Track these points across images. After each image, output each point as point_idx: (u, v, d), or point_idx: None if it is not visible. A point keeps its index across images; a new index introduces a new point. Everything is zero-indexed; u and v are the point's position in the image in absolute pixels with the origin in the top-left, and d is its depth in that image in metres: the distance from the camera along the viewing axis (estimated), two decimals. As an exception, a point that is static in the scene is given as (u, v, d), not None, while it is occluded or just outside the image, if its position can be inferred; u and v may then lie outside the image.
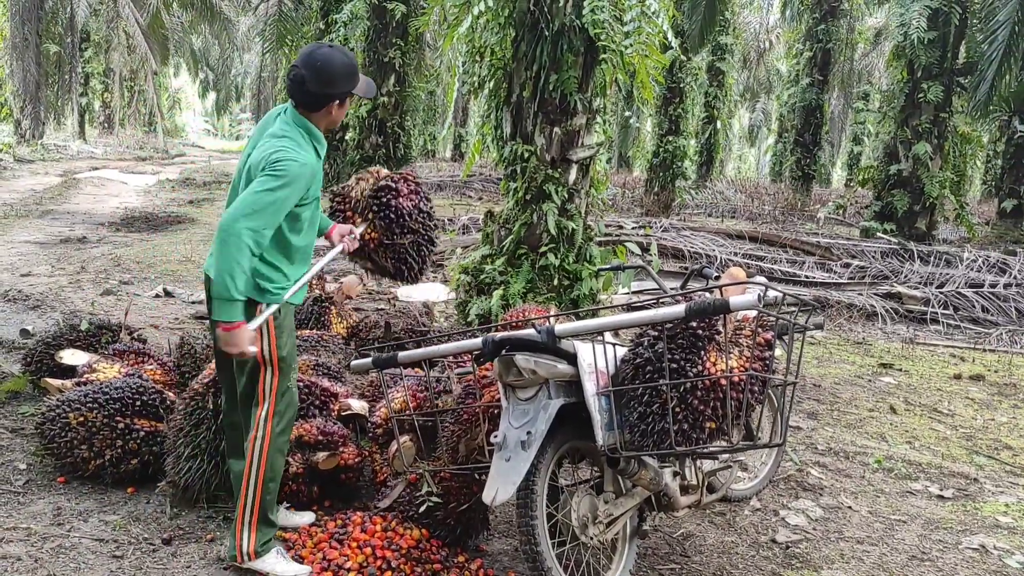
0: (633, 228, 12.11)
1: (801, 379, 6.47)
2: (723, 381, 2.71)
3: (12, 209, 12.74)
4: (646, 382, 2.76)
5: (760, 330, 2.84)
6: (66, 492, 3.64)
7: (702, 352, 2.74)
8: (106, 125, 34.59)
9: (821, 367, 7.07)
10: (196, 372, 4.32)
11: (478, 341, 3.00)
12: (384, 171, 3.69)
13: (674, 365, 2.73)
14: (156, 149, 29.75)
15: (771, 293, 2.91)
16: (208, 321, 3.41)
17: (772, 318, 2.93)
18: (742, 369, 2.77)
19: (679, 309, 2.70)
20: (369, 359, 3.30)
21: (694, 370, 2.72)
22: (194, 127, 57.22)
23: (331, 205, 3.67)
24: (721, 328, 2.77)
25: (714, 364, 2.73)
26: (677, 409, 2.75)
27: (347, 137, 15.00)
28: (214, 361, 3.43)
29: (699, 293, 2.97)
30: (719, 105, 22.64)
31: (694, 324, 2.75)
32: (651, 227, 12.48)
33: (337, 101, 3.07)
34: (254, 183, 2.89)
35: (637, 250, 6.51)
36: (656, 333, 2.79)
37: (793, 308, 3.08)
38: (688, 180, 19.65)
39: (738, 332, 2.87)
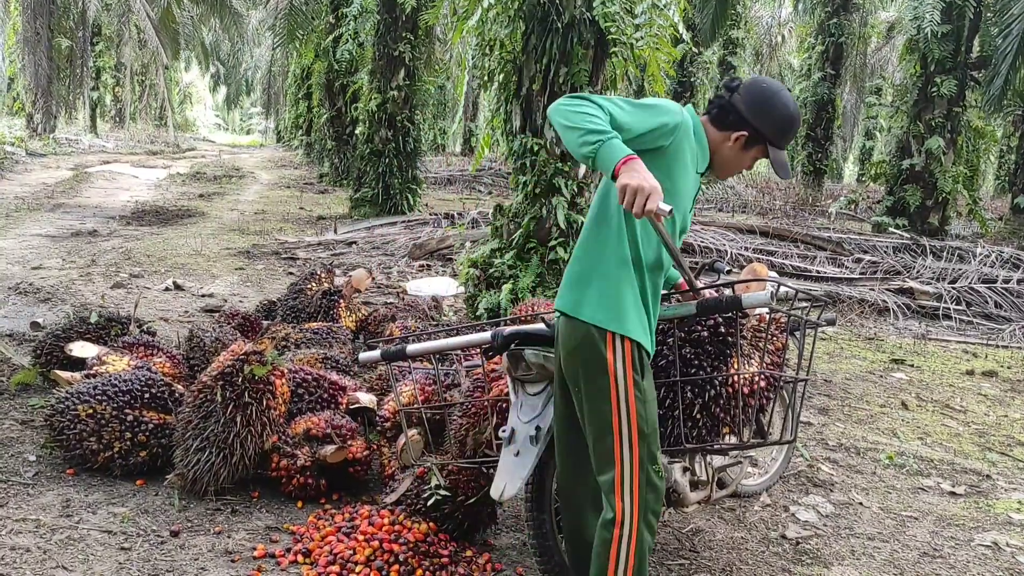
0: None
1: (812, 375, 6.44)
2: (745, 388, 2.71)
3: (24, 203, 12.80)
4: (668, 384, 2.76)
5: (778, 332, 2.83)
6: (75, 484, 3.65)
7: (728, 359, 2.74)
8: (117, 119, 34.73)
9: (832, 363, 7.03)
10: (205, 365, 4.32)
11: (487, 335, 2.99)
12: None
13: (701, 373, 2.72)
14: (167, 143, 29.86)
15: (783, 289, 2.89)
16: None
17: (785, 315, 2.91)
18: (761, 374, 2.77)
19: (691, 307, 2.69)
20: (377, 352, 3.29)
21: (719, 378, 2.72)
22: (205, 121, 57.36)
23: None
24: (742, 327, 2.77)
25: (736, 371, 2.74)
26: (698, 416, 2.74)
27: (357, 131, 15.00)
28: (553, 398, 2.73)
29: (718, 289, 2.95)
30: (730, 99, 22.48)
31: (723, 329, 2.74)
32: (661, 222, 12.40)
33: (745, 135, 2.52)
34: None
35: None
36: (683, 334, 2.78)
37: (805, 304, 3.05)
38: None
39: (757, 334, 2.85)
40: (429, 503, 3.28)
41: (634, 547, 2.41)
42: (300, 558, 3.15)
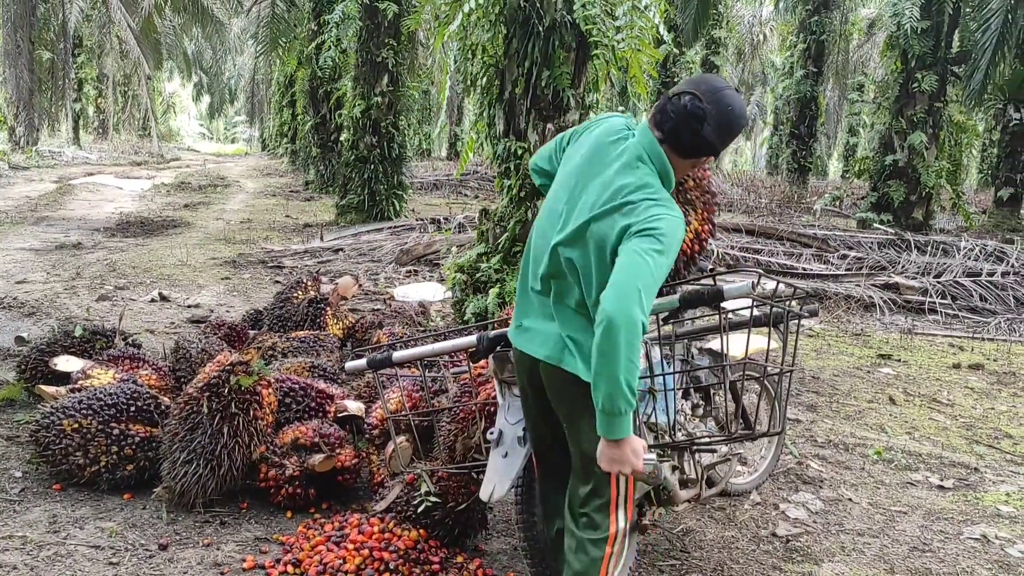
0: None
1: (800, 371, 6.46)
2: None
3: (7, 216, 12.71)
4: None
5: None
6: (62, 499, 3.62)
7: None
8: (100, 131, 34.56)
9: (820, 359, 7.05)
10: (191, 376, 4.29)
11: (473, 339, 2.98)
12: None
13: None
14: (151, 154, 29.71)
15: (767, 283, 2.92)
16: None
17: (767, 306, 2.94)
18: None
19: (674, 299, 2.70)
20: (363, 360, 3.28)
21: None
22: (189, 131, 57.11)
23: None
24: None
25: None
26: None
27: (342, 138, 14.98)
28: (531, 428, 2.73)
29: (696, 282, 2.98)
30: (714, 99, 22.58)
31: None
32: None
33: (712, 158, 2.45)
34: (636, 246, 2.19)
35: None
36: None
37: (787, 296, 3.07)
38: (684, 175, 19.59)
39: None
40: (419, 510, 3.28)
41: (624, 556, 2.49)
42: (290, 568, 3.13)
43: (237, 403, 3.56)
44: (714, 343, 3.60)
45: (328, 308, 5.76)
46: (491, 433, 2.83)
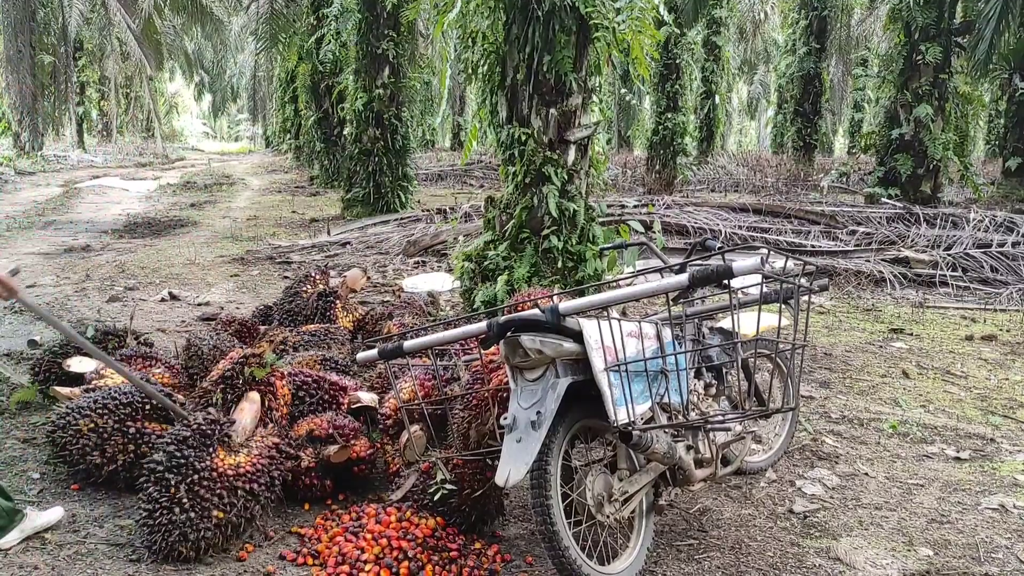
0: (635, 207, 12.06)
1: (812, 348, 6.44)
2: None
3: (15, 221, 12.76)
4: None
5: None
6: (80, 499, 3.64)
7: None
8: (104, 133, 34.66)
9: (832, 335, 7.03)
10: (204, 373, 4.31)
11: (483, 325, 2.98)
12: None
13: None
14: (155, 154, 29.76)
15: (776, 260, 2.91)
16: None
17: (777, 282, 2.93)
18: None
19: (683, 278, 2.69)
20: (375, 350, 3.28)
21: None
22: (192, 130, 57.13)
23: None
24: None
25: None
26: None
27: (345, 132, 14.97)
28: None
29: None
30: (717, 79, 22.50)
31: None
32: (653, 205, 12.41)
33: None
34: None
35: (640, 228, 6.47)
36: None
37: (797, 272, 3.06)
38: (689, 156, 19.55)
39: None
40: (435, 498, 3.28)
41: None
42: (309, 560, 3.15)
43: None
44: (725, 322, 3.60)
45: (337, 301, 5.77)
46: (504, 419, 2.83)
